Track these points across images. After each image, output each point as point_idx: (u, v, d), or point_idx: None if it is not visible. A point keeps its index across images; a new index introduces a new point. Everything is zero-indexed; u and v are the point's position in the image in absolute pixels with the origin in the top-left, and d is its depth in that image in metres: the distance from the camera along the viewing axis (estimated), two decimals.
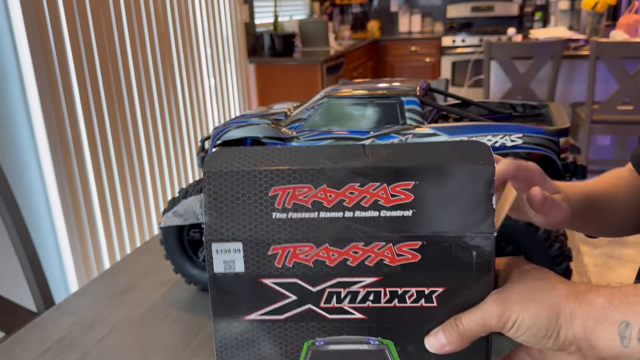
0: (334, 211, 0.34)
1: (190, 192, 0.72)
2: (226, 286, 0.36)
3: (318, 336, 0.37)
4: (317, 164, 0.35)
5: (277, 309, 0.36)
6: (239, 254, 0.35)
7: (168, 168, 2.16)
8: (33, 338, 0.67)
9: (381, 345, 0.36)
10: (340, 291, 0.36)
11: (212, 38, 2.59)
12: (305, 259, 0.35)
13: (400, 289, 0.35)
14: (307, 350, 0.37)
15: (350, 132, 0.73)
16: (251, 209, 0.35)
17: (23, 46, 1.46)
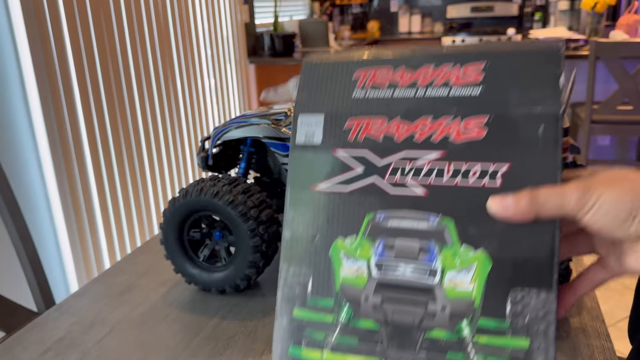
0: (407, 90, 0.38)
1: (191, 191, 0.72)
2: (304, 156, 0.40)
3: (380, 210, 0.37)
4: (400, 53, 0.39)
5: (345, 180, 0.39)
6: (319, 126, 0.40)
7: (168, 168, 2.16)
8: (33, 338, 0.68)
9: (440, 225, 0.36)
10: (405, 165, 0.37)
11: (212, 38, 2.59)
12: (376, 133, 0.38)
13: (465, 164, 0.35)
14: (367, 224, 0.38)
15: None
16: (336, 90, 0.40)
17: (23, 46, 1.46)
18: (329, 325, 0.38)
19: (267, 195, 0.75)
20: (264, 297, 0.74)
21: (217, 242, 0.75)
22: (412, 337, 0.36)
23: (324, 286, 0.38)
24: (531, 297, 0.33)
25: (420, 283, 0.36)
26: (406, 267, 0.36)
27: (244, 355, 0.62)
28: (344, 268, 0.38)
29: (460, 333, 0.35)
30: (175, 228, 0.74)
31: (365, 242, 0.37)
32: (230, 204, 0.69)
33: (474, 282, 0.35)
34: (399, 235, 0.36)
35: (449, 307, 0.35)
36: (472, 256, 0.35)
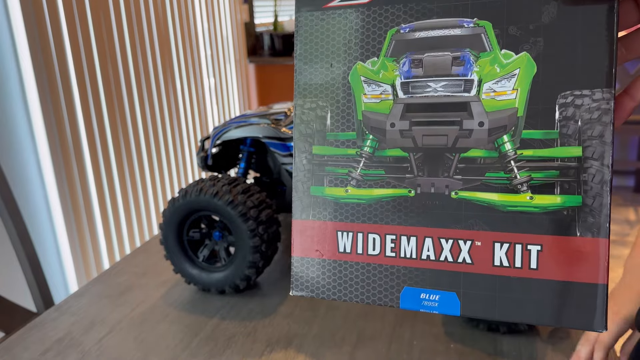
0: None
1: (191, 191, 0.72)
2: None
3: (404, 22, 0.31)
4: None
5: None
6: None
7: (168, 168, 2.16)
8: (33, 338, 0.67)
9: (476, 30, 0.30)
10: None
11: (212, 38, 2.59)
12: None
13: None
14: (390, 40, 0.32)
15: None
16: None
17: (22, 46, 1.46)
18: (352, 159, 0.33)
19: (267, 195, 0.75)
20: (263, 298, 0.74)
21: (217, 243, 0.75)
22: (445, 161, 0.31)
23: (344, 118, 0.34)
24: (584, 98, 0.29)
25: (454, 99, 0.31)
26: (438, 83, 0.31)
27: (244, 355, 0.62)
28: (365, 95, 0.33)
29: (502, 148, 0.30)
30: (174, 228, 0.74)
31: (388, 62, 0.32)
32: (229, 204, 0.69)
33: (517, 90, 0.30)
34: (428, 48, 0.31)
35: (487, 121, 0.30)
36: (514, 60, 0.30)
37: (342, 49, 0.33)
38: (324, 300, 0.73)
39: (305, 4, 0.34)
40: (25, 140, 1.51)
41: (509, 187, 0.30)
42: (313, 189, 0.35)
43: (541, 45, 0.29)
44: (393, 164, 0.32)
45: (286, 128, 0.78)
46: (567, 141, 0.29)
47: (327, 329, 0.66)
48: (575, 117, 0.29)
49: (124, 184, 1.87)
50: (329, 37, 0.33)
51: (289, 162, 0.77)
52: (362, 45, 0.33)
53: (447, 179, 0.31)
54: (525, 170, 0.30)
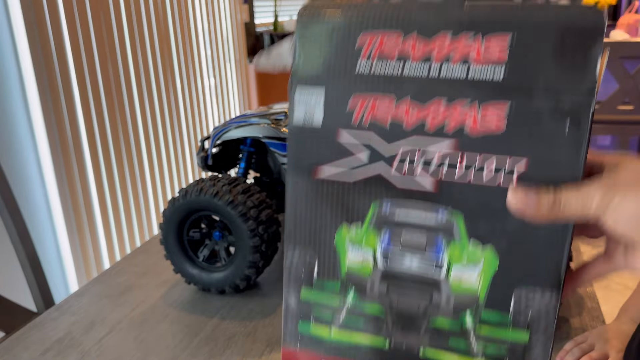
0: (419, 66, 0.33)
1: (191, 191, 0.72)
2: (303, 139, 0.36)
3: (386, 199, 0.35)
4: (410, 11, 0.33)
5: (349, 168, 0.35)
6: (319, 103, 0.36)
7: (168, 168, 2.16)
8: (33, 338, 0.67)
9: (449, 220, 0.34)
10: (415, 155, 0.34)
11: (212, 38, 2.59)
12: (383, 116, 0.34)
13: (479, 157, 0.32)
14: (373, 213, 0.36)
15: None
16: (337, 58, 0.34)
17: (23, 46, 1.46)
18: (335, 307, 0.38)
19: (267, 195, 0.75)
20: (263, 298, 0.74)
21: (217, 242, 0.75)
22: (416, 323, 0.36)
23: (329, 270, 0.38)
24: (536, 296, 0.33)
25: (426, 276, 0.35)
26: (412, 259, 0.35)
27: (244, 355, 0.62)
28: (349, 256, 0.37)
29: (464, 323, 0.35)
30: (174, 228, 0.74)
31: (370, 232, 0.36)
32: (230, 204, 0.69)
33: (480, 278, 0.34)
34: (406, 227, 0.35)
35: (453, 299, 0.35)
36: (480, 253, 0.34)
37: (329, 213, 0.37)
38: None
39: (298, 171, 0.37)
40: (26, 139, 1.51)
41: (468, 353, 0.36)
42: (301, 325, 0.39)
43: (505, 245, 0.33)
44: (371, 317, 0.37)
45: (286, 128, 0.78)
46: (518, 327, 0.34)
47: None
48: (527, 309, 0.34)
49: (124, 183, 1.87)
50: (317, 201, 0.37)
51: None
52: (348, 211, 0.36)
53: (417, 339, 0.36)
54: (482, 342, 0.35)
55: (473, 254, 0.34)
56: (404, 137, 0.34)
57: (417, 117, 0.33)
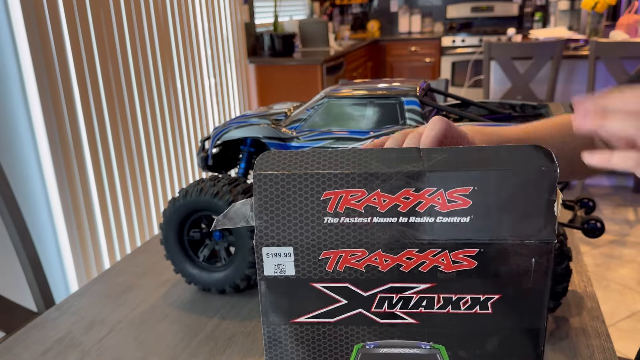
0: (388, 216, 0.34)
1: (191, 191, 0.72)
2: (276, 289, 0.36)
3: (369, 340, 0.36)
4: (370, 167, 0.34)
5: (328, 312, 0.36)
6: (289, 258, 0.35)
7: (168, 168, 2.16)
8: (33, 338, 0.68)
9: (432, 350, 0.36)
10: (392, 296, 0.35)
11: (212, 38, 2.59)
12: (357, 264, 0.35)
13: (455, 296, 0.35)
14: (357, 353, 0.37)
15: (350, 132, 0.74)
16: (302, 213, 0.35)
17: (23, 46, 1.47)
18: None
19: None
20: None
21: (217, 242, 0.75)
22: None
23: None
24: None
25: None
26: None
27: (244, 355, 0.62)
28: None
29: None
30: (175, 228, 0.75)
31: None
32: (230, 204, 0.69)
33: None
34: None
35: None
36: None
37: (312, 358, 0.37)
38: None
39: (274, 321, 0.37)
40: (26, 140, 1.51)
41: None
42: None
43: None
44: None
45: (286, 128, 0.78)
46: None
47: None
48: None
49: (124, 183, 1.87)
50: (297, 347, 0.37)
51: None
52: (331, 355, 0.37)
53: None
54: None
55: None
56: (380, 282, 0.35)
57: (391, 262, 0.35)
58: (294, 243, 0.35)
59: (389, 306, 0.35)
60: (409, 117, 0.72)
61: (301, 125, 0.77)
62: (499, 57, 2.69)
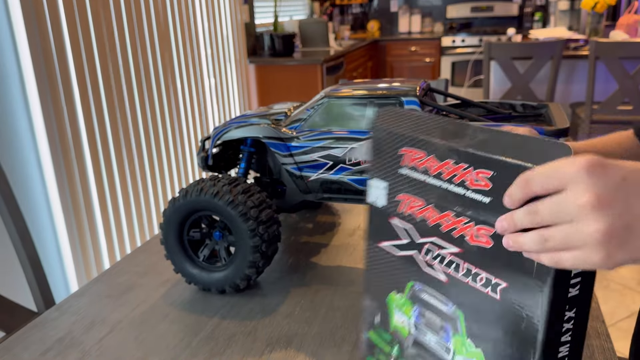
0: (436, 179, 0.41)
1: (191, 191, 0.72)
2: (372, 215, 0.47)
3: (417, 281, 0.44)
4: (431, 135, 0.41)
5: (396, 245, 0.45)
6: (384, 191, 0.46)
7: (168, 168, 2.16)
8: (33, 338, 0.68)
9: (455, 314, 0.41)
10: (434, 250, 0.42)
11: (213, 38, 2.59)
12: (417, 212, 0.43)
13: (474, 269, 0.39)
14: (410, 289, 0.45)
15: (350, 132, 0.74)
16: (391, 160, 0.45)
17: (23, 47, 1.47)
18: (387, 354, 0.49)
19: (267, 195, 0.75)
20: (263, 297, 0.74)
21: (217, 242, 0.75)
22: None
23: (384, 323, 0.49)
24: None
25: (439, 354, 0.43)
26: (431, 337, 0.43)
27: (244, 354, 0.62)
28: (395, 317, 0.47)
29: None
30: (175, 228, 0.75)
31: (407, 303, 0.45)
32: (230, 204, 0.69)
33: None
34: (429, 308, 0.44)
35: None
36: (473, 351, 0.40)
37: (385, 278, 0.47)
38: (324, 300, 0.73)
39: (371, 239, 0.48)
40: (26, 139, 1.51)
41: None
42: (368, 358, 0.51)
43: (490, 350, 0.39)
44: None
45: (286, 128, 0.78)
46: None
47: (327, 329, 0.66)
48: None
49: (124, 183, 1.87)
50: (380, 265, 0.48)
51: (288, 162, 0.77)
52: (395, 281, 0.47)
53: None
54: None
55: (469, 351, 0.40)
56: (428, 234, 0.42)
57: (437, 219, 0.41)
58: (387, 181, 0.45)
59: (432, 258, 0.42)
60: None
61: (301, 125, 0.77)
62: (498, 57, 2.69)
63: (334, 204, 1.08)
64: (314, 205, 1.06)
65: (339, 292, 0.75)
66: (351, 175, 0.74)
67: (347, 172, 0.74)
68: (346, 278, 0.78)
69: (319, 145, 0.75)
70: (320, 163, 0.75)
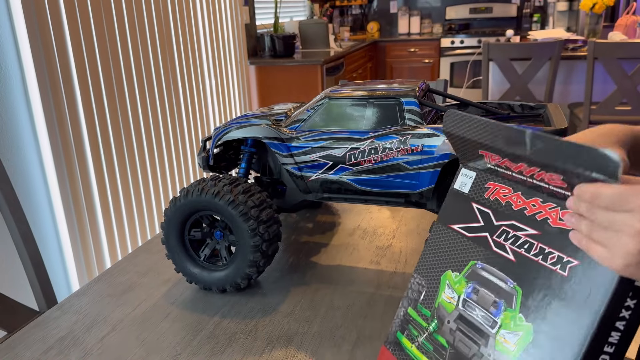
0: (520, 175, 0.46)
1: (192, 191, 0.72)
2: (454, 200, 0.52)
3: (481, 260, 0.48)
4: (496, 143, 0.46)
5: (469, 227, 0.50)
6: (470, 180, 0.51)
7: (169, 168, 2.17)
8: (35, 337, 0.68)
9: (513, 290, 0.44)
10: (510, 232, 0.46)
11: (213, 39, 2.59)
12: (502, 198, 0.48)
13: (548, 248, 0.43)
14: (469, 268, 0.48)
15: (350, 132, 0.74)
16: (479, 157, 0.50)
17: (25, 47, 1.47)
18: (422, 328, 0.51)
19: (268, 195, 0.75)
20: (264, 296, 0.75)
21: (218, 242, 0.76)
22: None
23: (429, 299, 0.51)
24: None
25: (483, 328, 0.46)
26: (480, 312, 0.46)
27: (245, 353, 0.63)
28: (444, 293, 0.50)
29: None
30: (176, 227, 0.75)
31: (463, 280, 0.49)
32: (231, 203, 0.70)
33: (516, 346, 0.43)
34: (485, 285, 0.47)
35: (493, 354, 0.44)
36: (522, 325, 0.43)
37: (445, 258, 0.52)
38: (324, 299, 0.73)
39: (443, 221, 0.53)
40: (28, 139, 1.52)
41: None
42: (398, 334, 0.54)
43: (540, 324, 0.42)
44: (439, 345, 0.49)
45: (287, 129, 0.79)
46: None
47: (327, 328, 0.66)
48: None
49: (126, 183, 1.87)
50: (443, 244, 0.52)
51: (289, 162, 0.78)
52: (456, 261, 0.50)
53: None
54: None
55: (518, 324, 0.43)
56: (509, 217, 0.47)
57: (522, 204, 0.46)
58: (476, 171, 0.51)
59: (504, 239, 0.46)
60: (408, 117, 0.73)
61: (301, 125, 0.78)
62: (497, 58, 2.70)
63: (334, 204, 1.08)
64: (314, 205, 1.06)
65: (338, 291, 0.75)
66: (351, 175, 0.75)
67: (347, 172, 0.75)
68: (346, 277, 0.79)
69: (319, 146, 0.75)
70: (320, 163, 0.76)
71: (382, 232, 0.94)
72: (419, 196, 0.73)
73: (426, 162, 0.70)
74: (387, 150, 0.71)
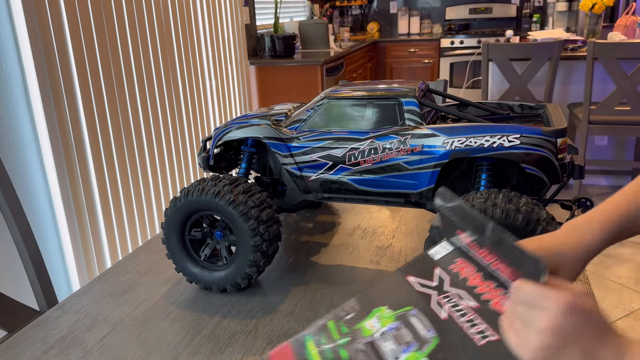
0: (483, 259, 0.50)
1: (192, 191, 0.73)
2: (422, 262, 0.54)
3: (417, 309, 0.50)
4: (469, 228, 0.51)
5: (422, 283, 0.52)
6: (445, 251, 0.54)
7: (170, 168, 2.17)
8: (36, 336, 0.68)
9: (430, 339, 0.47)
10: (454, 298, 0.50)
11: (214, 39, 2.59)
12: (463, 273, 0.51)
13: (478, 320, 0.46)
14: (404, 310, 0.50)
15: (350, 132, 0.74)
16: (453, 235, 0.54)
17: (25, 47, 1.47)
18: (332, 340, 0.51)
19: (268, 195, 0.75)
20: (264, 296, 0.75)
21: (218, 242, 0.76)
22: None
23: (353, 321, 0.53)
24: None
25: (386, 357, 0.47)
26: (390, 345, 0.48)
27: (245, 353, 0.63)
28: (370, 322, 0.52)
29: None
30: (176, 227, 0.75)
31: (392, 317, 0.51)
32: (231, 203, 0.70)
33: None
34: (408, 327, 0.49)
35: None
36: None
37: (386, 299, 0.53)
38: (324, 299, 0.73)
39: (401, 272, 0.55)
40: (28, 139, 1.52)
41: None
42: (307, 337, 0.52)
43: None
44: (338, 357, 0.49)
45: (287, 129, 0.79)
46: None
47: None
48: None
49: (126, 183, 1.88)
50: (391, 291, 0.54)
51: (289, 162, 0.78)
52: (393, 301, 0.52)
53: None
54: None
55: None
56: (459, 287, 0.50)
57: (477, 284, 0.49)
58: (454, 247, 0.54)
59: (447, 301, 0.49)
60: (407, 117, 0.73)
61: (301, 125, 0.78)
62: (497, 58, 2.70)
63: (334, 204, 1.09)
64: (314, 205, 1.06)
65: (338, 291, 0.75)
66: (351, 175, 0.75)
67: (347, 172, 0.75)
68: (346, 277, 0.79)
69: (319, 146, 0.75)
70: (320, 163, 0.76)
71: (382, 232, 0.94)
72: (419, 196, 0.73)
73: (426, 162, 0.70)
74: (387, 150, 0.72)
